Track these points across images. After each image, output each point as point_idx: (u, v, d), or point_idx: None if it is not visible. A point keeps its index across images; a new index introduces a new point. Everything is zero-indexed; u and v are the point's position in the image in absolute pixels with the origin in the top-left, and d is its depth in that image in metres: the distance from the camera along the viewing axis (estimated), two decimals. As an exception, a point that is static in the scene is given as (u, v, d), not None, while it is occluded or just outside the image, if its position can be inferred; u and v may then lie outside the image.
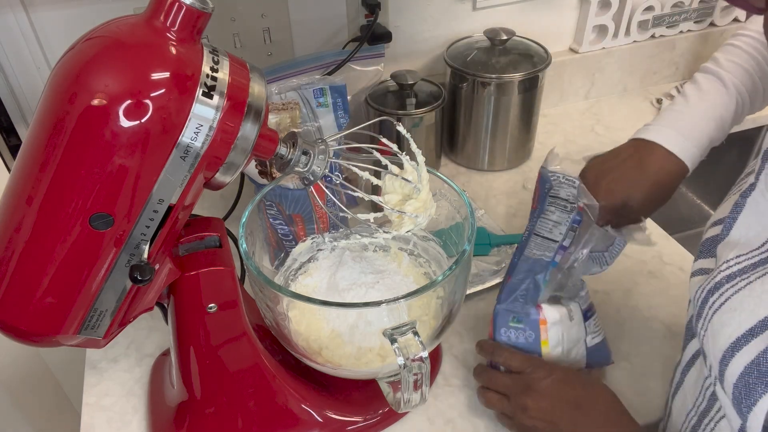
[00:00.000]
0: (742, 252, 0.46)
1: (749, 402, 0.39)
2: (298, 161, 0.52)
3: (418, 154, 0.58)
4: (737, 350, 0.40)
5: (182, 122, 0.42)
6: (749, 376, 0.39)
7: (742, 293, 0.43)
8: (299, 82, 0.87)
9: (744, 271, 0.44)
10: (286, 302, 0.60)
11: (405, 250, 0.73)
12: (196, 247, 0.56)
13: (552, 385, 0.58)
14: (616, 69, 1.24)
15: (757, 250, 0.45)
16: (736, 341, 0.41)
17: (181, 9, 0.42)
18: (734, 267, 0.45)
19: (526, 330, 0.65)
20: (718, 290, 0.45)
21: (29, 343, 0.50)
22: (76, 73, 0.41)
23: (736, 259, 0.45)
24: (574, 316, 0.65)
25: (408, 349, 0.51)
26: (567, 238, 0.63)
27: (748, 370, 0.39)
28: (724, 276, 0.45)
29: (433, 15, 1.06)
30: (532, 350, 0.65)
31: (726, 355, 0.41)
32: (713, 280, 0.46)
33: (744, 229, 0.47)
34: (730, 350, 0.41)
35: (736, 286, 0.43)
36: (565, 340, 0.65)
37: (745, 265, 0.44)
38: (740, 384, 0.40)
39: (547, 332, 0.65)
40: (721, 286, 0.45)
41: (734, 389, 0.40)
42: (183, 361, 0.59)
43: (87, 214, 0.43)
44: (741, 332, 0.41)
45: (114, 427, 0.68)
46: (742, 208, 0.48)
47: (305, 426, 0.64)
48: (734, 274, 0.45)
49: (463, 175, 1.07)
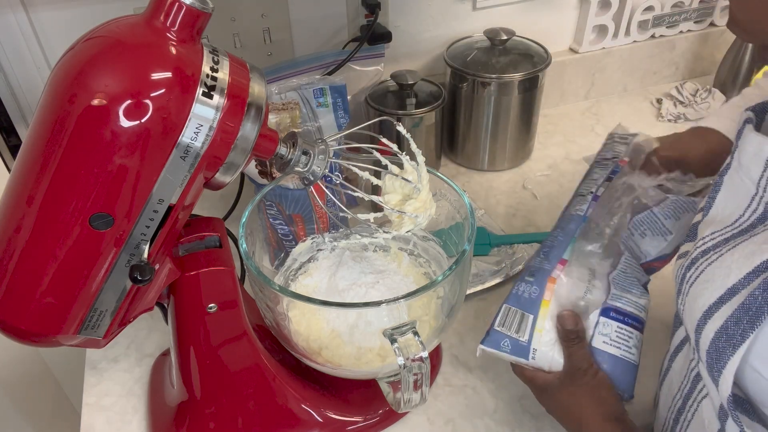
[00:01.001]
0: (717, 228, 0.47)
1: (719, 365, 0.40)
2: (298, 161, 0.52)
3: (418, 154, 0.58)
4: (709, 318, 0.42)
5: (182, 122, 0.42)
6: (719, 341, 0.41)
7: (714, 265, 0.44)
8: (299, 82, 0.87)
9: (717, 245, 0.46)
10: (286, 302, 0.60)
11: (405, 250, 0.73)
12: (196, 247, 0.56)
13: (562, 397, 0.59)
14: (616, 69, 1.24)
15: (730, 226, 0.46)
16: (707, 309, 0.43)
17: (181, 9, 0.42)
18: (709, 243, 0.47)
19: (532, 285, 0.61)
20: (694, 265, 0.47)
21: (29, 343, 0.50)
22: (76, 73, 0.41)
23: (711, 236, 0.47)
24: (593, 299, 0.59)
25: (408, 349, 0.51)
26: (601, 187, 0.62)
27: (718, 335, 0.41)
28: (699, 251, 0.47)
29: (433, 15, 1.06)
30: (530, 309, 0.61)
31: (699, 324, 0.43)
32: (690, 257, 0.48)
33: (720, 207, 0.49)
34: (703, 319, 0.43)
35: (709, 260, 0.45)
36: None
37: (719, 240, 0.46)
38: (711, 350, 0.41)
39: (553, 292, 0.60)
40: (697, 261, 0.46)
41: (707, 356, 0.42)
42: (183, 361, 0.59)
43: (87, 214, 0.43)
44: (712, 300, 0.42)
45: (114, 427, 0.68)
46: (720, 186, 0.50)
47: (305, 426, 0.64)
48: (708, 249, 0.46)
49: (463, 175, 1.07)
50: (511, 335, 0.61)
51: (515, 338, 0.61)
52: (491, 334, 0.63)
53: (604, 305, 0.59)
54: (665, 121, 1.20)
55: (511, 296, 0.63)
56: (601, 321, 0.58)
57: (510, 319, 0.62)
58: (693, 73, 1.32)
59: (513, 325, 0.62)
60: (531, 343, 0.60)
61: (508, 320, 0.62)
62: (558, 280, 0.60)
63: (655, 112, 1.23)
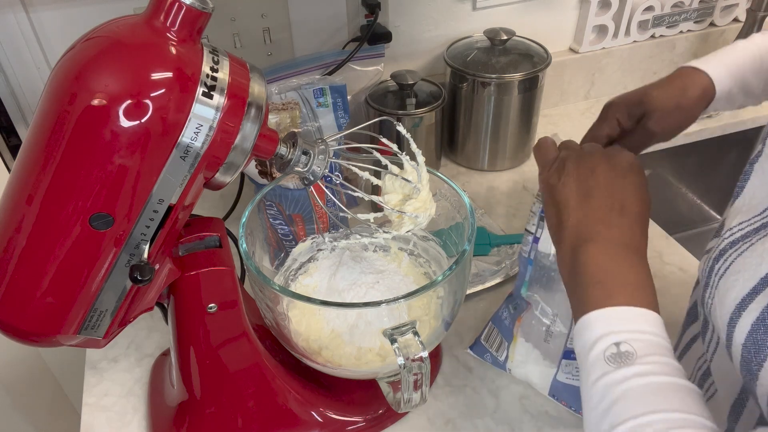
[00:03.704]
0: (745, 218, 0.46)
1: (759, 358, 0.39)
2: (298, 161, 0.52)
3: (418, 154, 0.58)
4: (743, 310, 0.41)
5: (182, 122, 0.42)
6: (757, 333, 0.39)
7: (744, 255, 0.43)
8: (299, 82, 0.87)
9: (747, 235, 0.44)
10: (286, 302, 0.60)
11: (405, 250, 0.73)
12: (196, 247, 0.56)
13: (602, 173, 0.51)
14: (616, 69, 1.24)
15: (760, 215, 0.45)
16: (741, 302, 0.41)
17: (181, 9, 0.42)
18: (737, 233, 0.45)
19: (512, 315, 0.66)
20: (723, 256, 0.45)
21: (29, 343, 0.50)
22: (76, 74, 0.41)
23: (739, 226, 0.46)
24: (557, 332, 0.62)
25: (408, 349, 0.51)
26: (539, 228, 0.59)
27: (755, 327, 0.39)
28: (728, 242, 0.45)
29: (433, 15, 1.06)
30: (507, 336, 0.67)
31: (733, 317, 0.41)
32: (718, 249, 0.46)
33: (749, 196, 0.48)
34: (737, 311, 0.41)
35: (738, 250, 0.44)
36: (532, 354, 0.65)
37: (748, 230, 0.45)
38: (749, 343, 0.40)
39: (519, 329, 0.65)
40: (726, 252, 0.45)
41: (743, 350, 0.40)
42: (183, 361, 0.59)
43: (87, 214, 0.43)
44: (745, 292, 0.41)
45: (114, 427, 0.68)
46: (750, 174, 0.48)
47: (305, 426, 0.64)
48: (737, 239, 0.45)
49: (463, 175, 1.07)
50: (492, 352, 0.70)
51: (495, 355, 0.69)
52: (477, 344, 0.72)
53: (566, 348, 0.63)
54: (665, 121, 1.20)
55: (497, 316, 0.70)
56: (563, 362, 0.63)
57: (493, 337, 0.70)
58: (693, 73, 1.32)
59: (494, 344, 0.70)
60: (506, 362, 0.69)
61: (491, 338, 0.70)
62: (524, 319, 0.65)
63: (655, 112, 1.23)
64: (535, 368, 0.67)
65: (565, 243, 0.50)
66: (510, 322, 0.66)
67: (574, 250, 0.48)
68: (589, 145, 0.55)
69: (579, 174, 0.51)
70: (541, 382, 0.67)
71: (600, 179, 0.50)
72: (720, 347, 0.49)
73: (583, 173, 0.51)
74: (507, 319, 0.67)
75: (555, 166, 0.53)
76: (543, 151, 0.56)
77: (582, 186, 0.51)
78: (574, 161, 0.52)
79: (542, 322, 0.63)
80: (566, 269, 0.49)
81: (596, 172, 0.51)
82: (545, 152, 0.56)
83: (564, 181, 0.52)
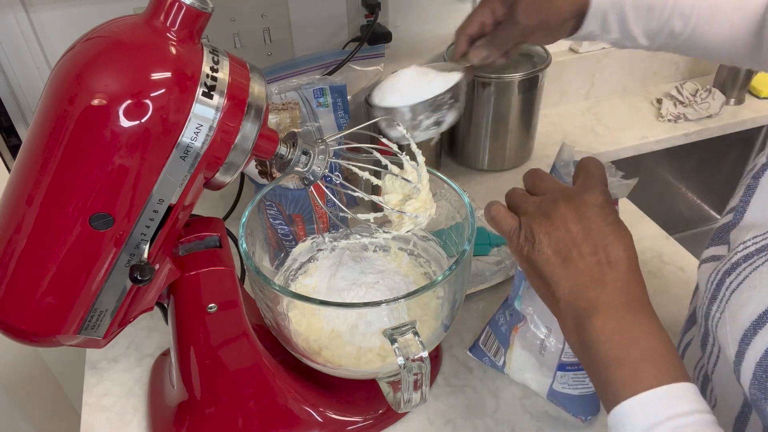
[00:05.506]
0: (759, 232, 0.44)
1: None
2: (298, 161, 0.52)
3: (418, 154, 0.58)
4: (760, 327, 0.39)
5: (182, 122, 0.42)
6: None
7: (761, 270, 0.41)
8: (299, 82, 0.87)
9: (762, 249, 0.42)
10: (286, 302, 0.60)
11: (405, 250, 0.73)
12: (196, 247, 0.56)
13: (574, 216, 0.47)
14: (616, 69, 1.24)
15: None
16: (758, 318, 0.39)
17: (181, 9, 0.42)
18: (751, 247, 0.43)
19: (508, 322, 0.66)
20: (735, 270, 0.43)
21: (29, 343, 0.50)
22: (76, 74, 0.41)
23: (753, 240, 0.44)
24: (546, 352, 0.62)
25: (408, 349, 0.51)
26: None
27: None
28: (741, 256, 0.43)
29: (433, 15, 1.06)
30: (503, 342, 0.67)
31: (747, 334, 0.40)
32: (729, 262, 0.44)
33: (759, 210, 0.46)
34: (752, 328, 0.39)
35: (753, 265, 0.42)
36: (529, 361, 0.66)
37: (763, 244, 0.43)
38: (765, 362, 0.38)
39: (515, 339, 0.66)
40: (738, 266, 0.43)
41: (756, 368, 0.39)
42: (183, 361, 0.59)
43: (87, 214, 0.43)
44: (762, 309, 0.39)
45: (114, 427, 0.68)
46: (755, 189, 0.47)
47: (305, 426, 0.64)
48: (751, 253, 0.43)
49: (463, 175, 1.07)
50: (490, 356, 0.70)
51: (493, 360, 0.70)
52: (476, 347, 0.73)
53: (560, 361, 0.63)
54: (665, 121, 1.20)
55: (494, 321, 0.70)
56: (558, 374, 0.64)
57: (490, 342, 0.70)
58: (693, 73, 1.32)
59: (492, 348, 0.70)
60: (504, 367, 0.69)
61: (489, 342, 0.71)
62: (520, 329, 0.65)
63: (655, 112, 1.23)
64: (532, 375, 0.67)
65: (566, 318, 0.46)
66: (507, 329, 0.67)
67: (578, 326, 0.45)
68: (547, 197, 0.49)
69: (550, 235, 0.47)
70: (538, 388, 0.67)
71: (574, 233, 0.46)
72: (721, 360, 0.48)
73: (554, 233, 0.47)
74: (504, 326, 0.67)
75: (522, 234, 0.49)
76: (499, 220, 0.51)
77: (558, 247, 0.46)
78: (539, 222, 0.48)
79: (537, 336, 0.63)
80: (574, 343, 0.46)
81: (567, 226, 0.46)
82: (501, 221, 0.51)
83: (537, 248, 0.47)
